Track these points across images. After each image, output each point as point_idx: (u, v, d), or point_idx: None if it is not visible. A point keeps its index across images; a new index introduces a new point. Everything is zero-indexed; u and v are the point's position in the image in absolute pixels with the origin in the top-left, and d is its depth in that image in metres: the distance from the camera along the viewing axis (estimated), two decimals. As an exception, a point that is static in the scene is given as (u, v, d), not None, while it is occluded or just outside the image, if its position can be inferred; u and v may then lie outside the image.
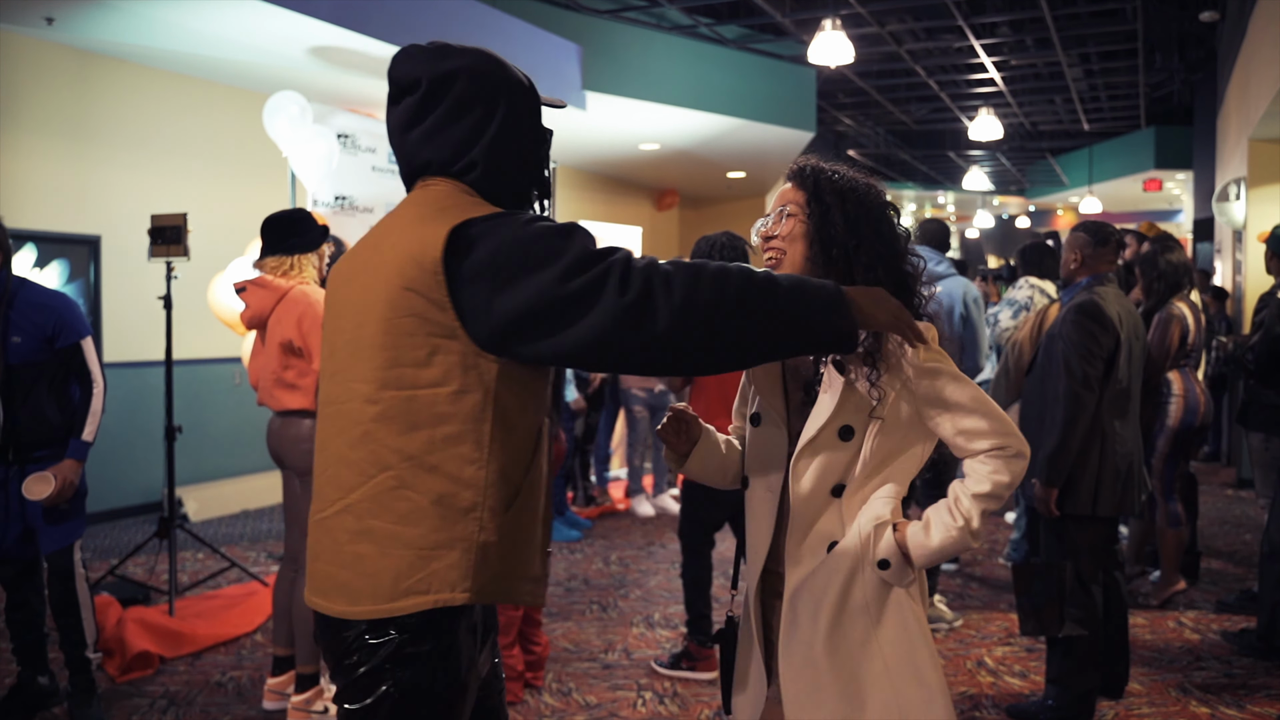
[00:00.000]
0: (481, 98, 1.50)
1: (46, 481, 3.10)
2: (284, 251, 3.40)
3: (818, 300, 1.43)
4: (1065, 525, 3.19)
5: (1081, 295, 3.21)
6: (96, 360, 3.31)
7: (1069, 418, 3.09)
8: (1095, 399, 3.12)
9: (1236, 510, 6.83)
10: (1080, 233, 3.35)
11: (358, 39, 5.79)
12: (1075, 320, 3.13)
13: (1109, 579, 3.33)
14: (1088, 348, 3.10)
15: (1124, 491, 3.19)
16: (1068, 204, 20.22)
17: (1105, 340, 3.12)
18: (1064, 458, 3.10)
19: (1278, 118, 6.98)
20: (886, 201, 1.73)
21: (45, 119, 6.06)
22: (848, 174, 1.72)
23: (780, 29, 9.93)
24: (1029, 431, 3.29)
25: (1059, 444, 3.10)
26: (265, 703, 3.51)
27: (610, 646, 4.14)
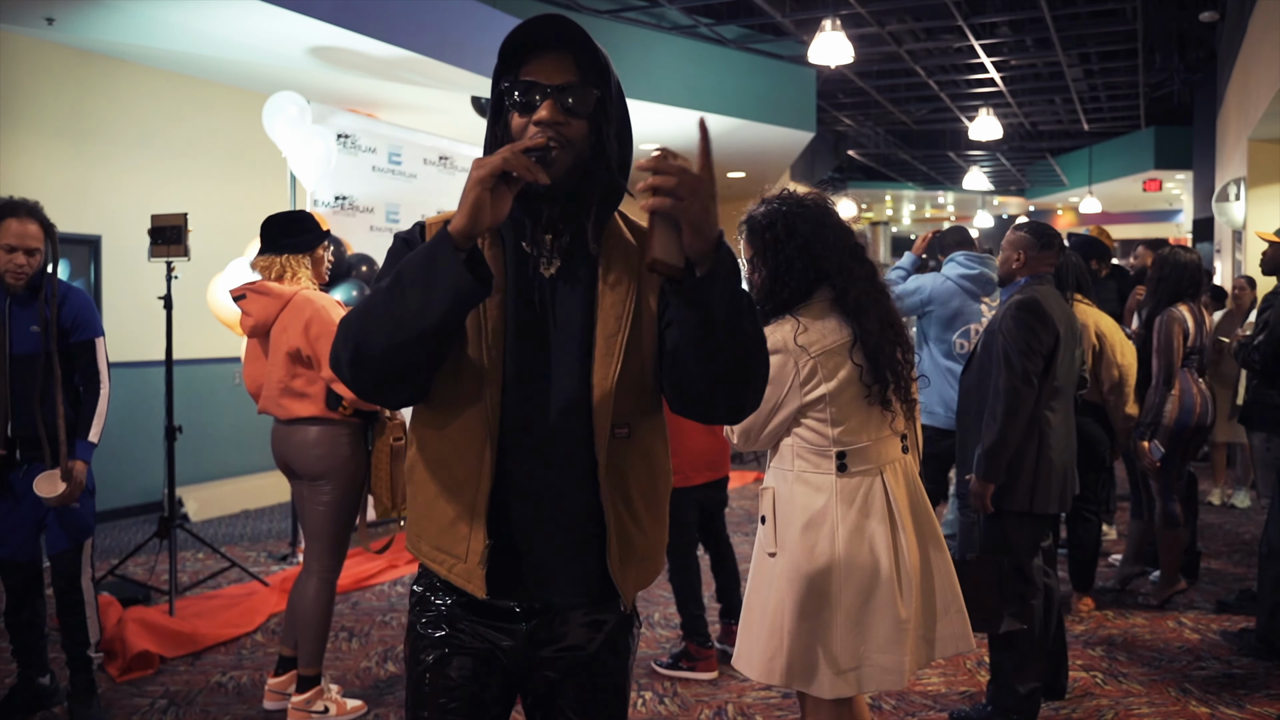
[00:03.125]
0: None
1: (56, 482, 3.11)
2: (274, 251, 3.38)
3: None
4: (1004, 522, 3.18)
5: (1022, 292, 3.21)
6: (106, 361, 3.32)
7: (1007, 412, 3.08)
8: (1034, 395, 3.11)
9: (1237, 510, 6.83)
10: (1024, 233, 3.33)
11: (357, 39, 5.79)
12: (1016, 316, 3.13)
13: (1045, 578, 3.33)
14: (1028, 343, 3.09)
15: (1062, 488, 3.20)
16: (1068, 204, 20.23)
17: (1045, 337, 3.12)
18: (1001, 453, 3.09)
19: (1278, 118, 6.99)
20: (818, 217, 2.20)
21: (45, 119, 6.06)
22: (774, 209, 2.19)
23: (780, 29, 9.93)
24: (967, 427, 3.30)
25: (997, 439, 3.08)
26: (266, 703, 3.51)
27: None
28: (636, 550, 1.52)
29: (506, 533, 1.50)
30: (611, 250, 1.51)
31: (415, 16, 6.14)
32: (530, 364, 1.48)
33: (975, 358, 3.32)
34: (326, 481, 3.29)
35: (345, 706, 3.41)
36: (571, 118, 1.43)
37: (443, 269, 1.34)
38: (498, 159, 1.33)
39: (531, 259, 1.50)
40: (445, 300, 1.34)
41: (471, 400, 1.47)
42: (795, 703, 3.09)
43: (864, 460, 2.23)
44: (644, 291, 1.50)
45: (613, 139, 1.47)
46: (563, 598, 1.51)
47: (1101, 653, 4.05)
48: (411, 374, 1.43)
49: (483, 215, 1.34)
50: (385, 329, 1.38)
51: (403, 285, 1.38)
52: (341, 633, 4.31)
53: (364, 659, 4.02)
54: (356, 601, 4.78)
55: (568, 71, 1.43)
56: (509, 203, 1.37)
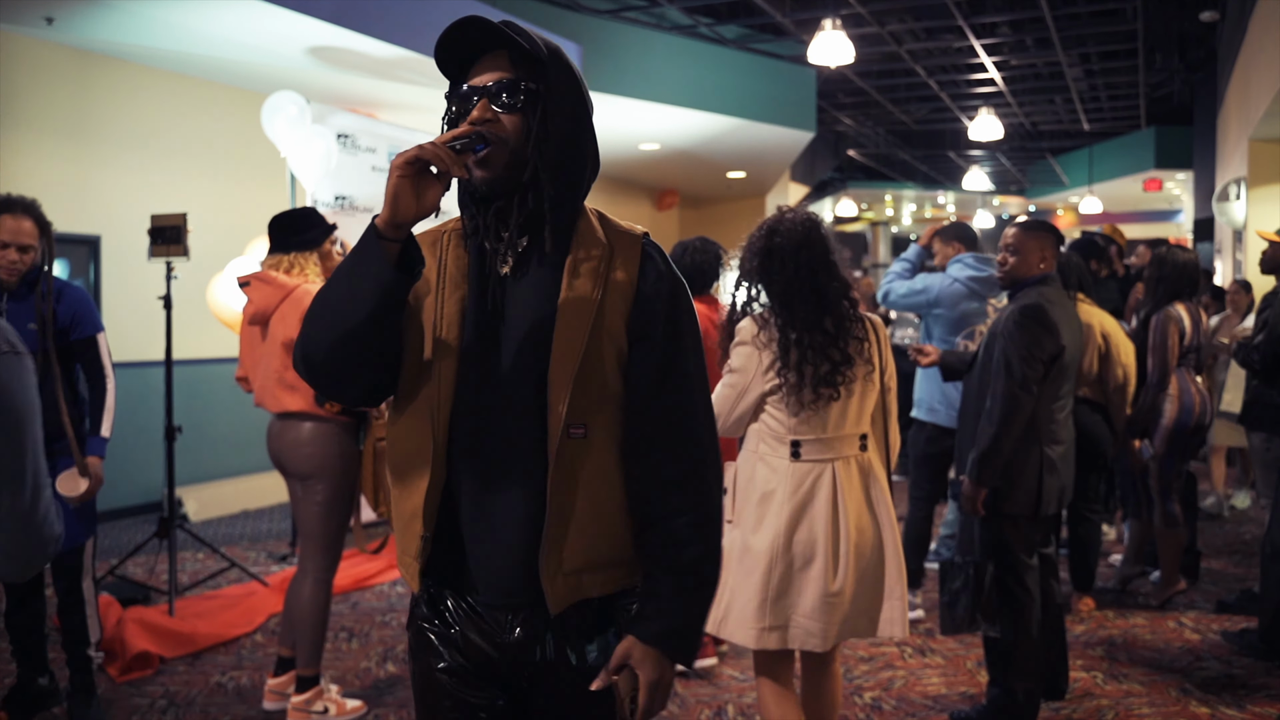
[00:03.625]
0: None
1: (77, 480, 3.10)
2: (281, 250, 3.41)
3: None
4: (1001, 525, 3.16)
5: (1027, 297, 3.17)
6: (109, 356, 3.33)
7: (1004, 418, 3.06)
8: (1033, 401, 3.10)
9: (1237, 510, 6.82)
10: (1045, 234, 3.27)
11: (357, 39, 5.79)
12: (1020, 322, 3.09)
13: (1045, 580, 3.32)
14: (1029, 350, 3.07)
15: (1060, 490, 3.21)
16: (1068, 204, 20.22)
17: (1048, 344, 3.10)
18: (995, 458, 3.07)
19: (1278, 118, 6.99)
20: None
21: (45, 119, 6.06)
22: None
23: (780, 29, 9.93)
24: (967, 430, 3.29)
25: (991, 444, 3.06)
26: (265, 703, 3.51)
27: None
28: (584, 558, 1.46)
29: (454, 531, 1.49)
30: (580, 250, 1.48)
31: (415, 16, 6.14)
32: (483, 362, 1.47)
33: (978, 360, 3.30)
34: (318, 480, 3.29)
35: (345, 706, 3.41)
36: (504, 114, 1.42)
37: (367, 260, 1.36)
38: (415, 149, 1.34)
39: (489, 258, 1.49)
40: (371, 292, 1.36)
41: (423, 395, 1.47)
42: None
43: (817, 451, 2.49)
44: (610, 290, 1.47)
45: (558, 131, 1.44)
46: (505, 598, 1.48)
47: (1102, 653, 4.05)
48: (357, 371, 1.44)
49: (401, 204, 1.34)
50: (324, 325, 1.41)
51: (336, 280, 1.40)
52: (341, 633, 4.31)
53: (364, 659, 4.02)
54: (356, 602, 4.78)
55: (501, 69, 1.43)
56: (437, 195, 1.37)
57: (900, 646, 4.15)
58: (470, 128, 1.39)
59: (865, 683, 3.75)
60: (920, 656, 4.04)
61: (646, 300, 1.49)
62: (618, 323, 1.47)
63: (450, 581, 1.52)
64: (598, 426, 1.46)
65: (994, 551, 3.19)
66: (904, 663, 3.97)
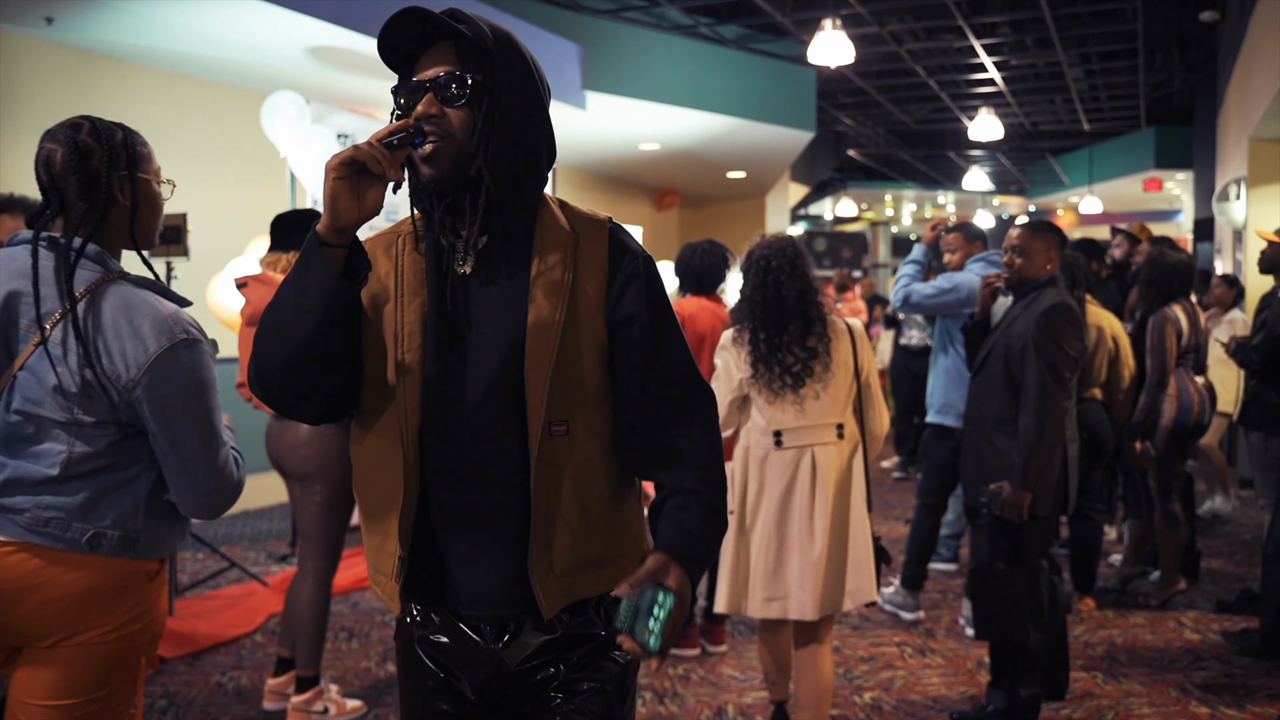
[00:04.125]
0: None
1: None
2: (281, 248, 3.42)
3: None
4: (1022, 527, 3.14)
5: (1052, 296, 3.15)
6: None
7: (1050, 421, 3.04)
8: (1069, 401, 3.11)
9: (1237, 510, 6.82)
10: (1051, 234, 3.25)
11: (357, 39, 5.79)
12: (1056, 324, 3.07)
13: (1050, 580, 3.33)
14: (1066, 350, 3.07)
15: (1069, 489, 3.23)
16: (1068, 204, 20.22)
17: (1080, 344, 3.12)
18: (1041, 462, 3.05)
19: (1278, 118, 6.98)
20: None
21: (45, 119, 6.02)
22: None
23: (780, 29, 9.93)
24: (973, 434, 3.27)
25: (1038, 447, 3.03)
26: (265, 703, 3.51)
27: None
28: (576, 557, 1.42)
29: (432, 546, 1.44)
30: (545, 241, 1.43)
31: (415, 16, 6.13)
32: (451, 367, 1.41)
33: (986, 364, 3.26)
34: (316, 481, 3.29)
35: (345, 706, 3.41)
36: (449, 108, 1.36)
37: (311, 270, 1.31)
38: (349, 149, 1.29)
39: (447, 256, 1.43)
40: (317, 302, 1.30)
41: (388, 410, 1.41)
42: (794, 704, 3.09)
43: (796, 439, 2.83)
44: (580, 278, 1.43)
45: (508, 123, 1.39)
46: (492, 609, 1.43)
47: (1101, 653, 4.05)
48: (312, 386, 1.38)
49: (340, 207, 1.29)
50: (274, 341, 1.35)
51: (282, 294, 1.34)
52: (341, 633, 4.31)
53: (364, 659, 4.02)
54: (356, 602, 4.78)
55: (446, 62, 1.38)
56: (378, 196, 1.32)
57: (900, 646, 4.15)
58: (405, 122, 1.34)
59: (865, 683, 3.75)
60: (920, 656, 4.04)
61: (623, 284, 1.44)
62: (593, 312, 1.43)
63: (432, 598, 1.47)
64: (579, 422, 1.42)
65: (1015, 554, 3.16)
66: (904, 663, 3.97)
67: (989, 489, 3.13)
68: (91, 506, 1.73)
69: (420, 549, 1.44)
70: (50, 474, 1.72)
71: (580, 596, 1.45)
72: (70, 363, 1.69)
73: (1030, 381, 3.07)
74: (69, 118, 1.90)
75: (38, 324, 1.69)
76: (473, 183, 1.38)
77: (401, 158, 1.33)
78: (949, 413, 4.30)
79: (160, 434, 1.74)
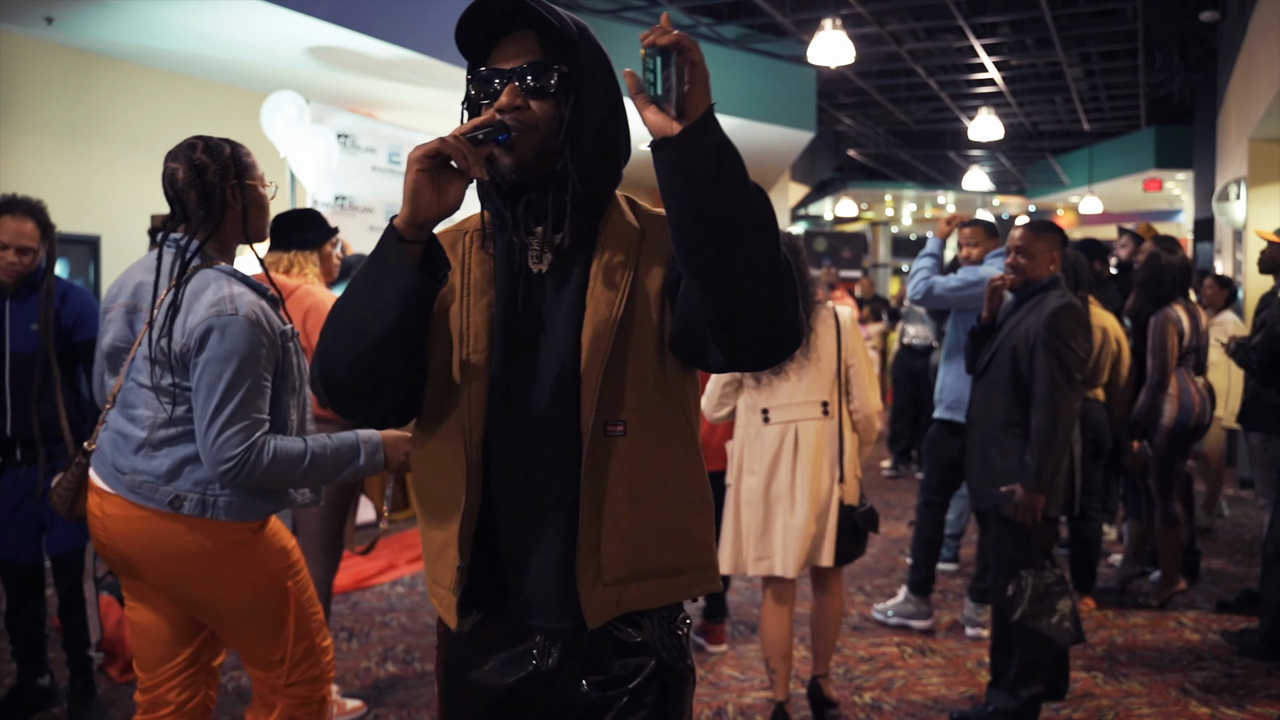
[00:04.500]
0: None
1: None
2: (282, 248, 3.40)
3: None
4: (1031, 528, 3.13)
5: (1058, 298, 3.14)
6: None
7: (1064, 423, 3.04)
8: (1080, 402, 3.12)
9: (1237, 510, 6.82)
10: (1053, 234, 3.25)
11: (357, 39, 5.79)
12: (1066, 326, 3.07)
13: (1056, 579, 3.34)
14: (1076, 351, 3.07)
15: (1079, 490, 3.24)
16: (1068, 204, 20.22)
17: (1088, 344, 3.13)
18: (1057, 464, 3.06)
19: (1278, 118, 6.98)
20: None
21: (45, 119, 6.06)
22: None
23: (780, 29, 9.93)
24: (976, 435, 3.26)
25: (1052, 449, 3.03)
26: (265, 703, 3.50)
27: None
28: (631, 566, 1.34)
29: (493, 556, 1.38)
30: (609, 238, 1.37)
31: (415, 16, 6.14)
32: (517, 368, 1.35)
33: (990, 366, 3.25)
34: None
35: (345, 706, 3.41)
36: (532, 99, 1.30)
37: (389, 267, 1.25)
38: (435, 142, 1.22)
39: (520, 255, 1.37)
40: (394, 300, 1.24)
41: (452, 413, 1.35)
42: (794, 704, 3.09)
43: (782, 415, 3.08)
44: (641, 273, 1.35)
45: (592, 116, 1.32)
46: (546, 620, 1.37)
47: (1101, 653, 4.05)
48: (382, 388, 1.32)
49: (421, 201, 1.23)
50: (344, 340, 1.29)
51: (355, 290, 1.29)
52: (341, 633, 4.31)
53: (364, 659, 4.02)
54: (356, 602, 4.78)
55: (529, 51, 1.31)
56: (460, 191, 1.26)
57: (900, 646, 4.15)
58: (494, 115, 1.27)
59: (865, 683, 3.75)
60: (920, 657, 4.04)
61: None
62: (656, 308, 1.35)
63: (488, 609, 1.40)
64: (638, 422, 1.34)
65: (1025, 557, 3.15)
66: (904, 663, 3.97)
67: (1001, 491, 3.12)
68: (174, 473, 2.03)
69: (481, 559, 1.38)
70: (141, 435, 2.05)
71: (633, 608, 1.36)
72: (152, 335, 2.04)
73: (1041, 382, 3.07)
74: (186, 139, 2.21)
75: (151, 308, 2.07)
76: (556, 179, 1.32)
77: (486, 153, 1.26)
78: (960, 409, 4.17)
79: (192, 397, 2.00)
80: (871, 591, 4.93)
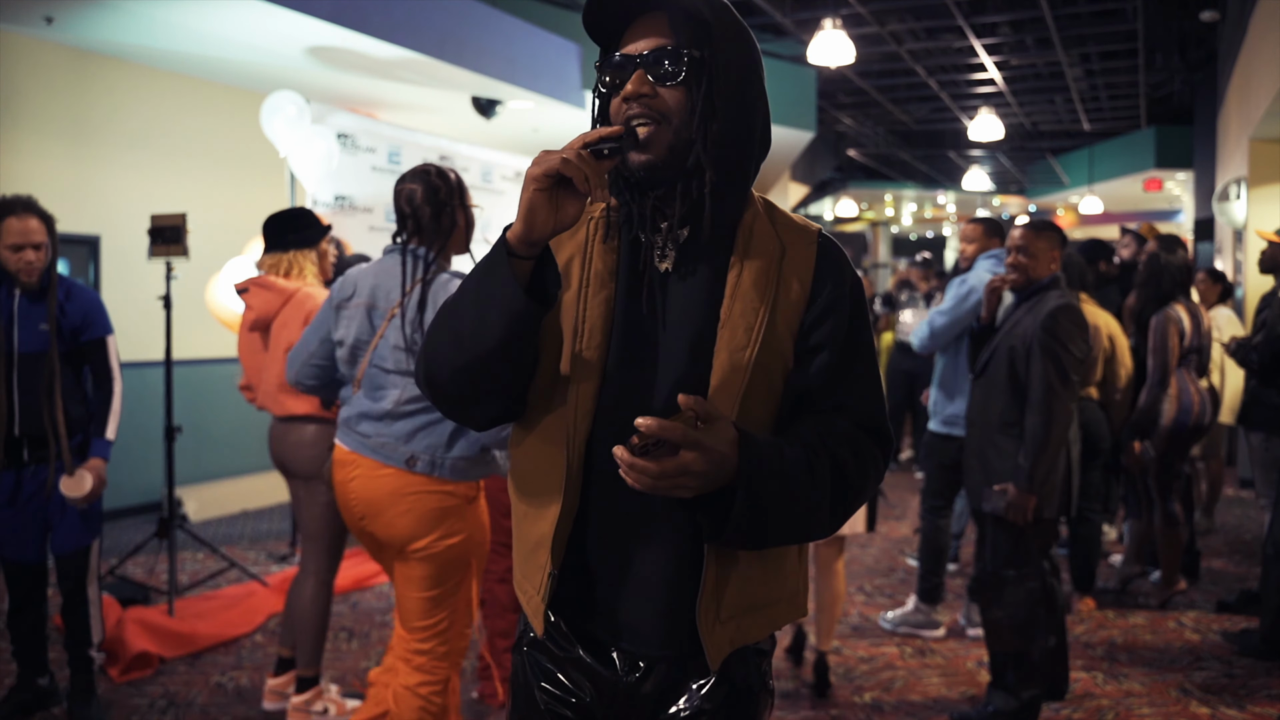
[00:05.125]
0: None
1: (84, 480, 3.10)
2: (280, 249, 3.40)
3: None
4: (1026, 529, 3.13)
5: (1056, 298, 3.14)
6: (117, 359, 3.32)
7: (1056, 424, 3.04)
8: (1075, 402, 3.11)
9: (1237, 510, 6.82)
10: (1054, 233, 3.24)
11: (357, 38, 5.79)
12: (1063, 327, 3.07)
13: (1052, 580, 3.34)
14: (1072, 352, 3.07)
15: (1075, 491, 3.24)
16: (1068, 204, 20.22)
17: (1084, 344, 3.11)
18: (1050, 465, 3.05)
19: (1278, 118, 6.98)
20: None
21: (44, 119, 6.05)
22: None
23: (780, 29, 9.93)
24: (975, 437, 3.26)
25: (1045, 450, 3.03)
26: (265, 703, 3.50)
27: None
28: (741, 600, 1.29)
29: (584, 566, 1.31)
30: (749, 248, 1.28)
31: (415, 16, 6.13)
32: (633, 370, 1.27)
33: (989, 366, 3.24)
34: (322, 481, 3.29)
35: (345, 707, 3.41)
36: (663, 87, 1.22)
37: (497, 285, 1.18)
38: (556, 158, 1.14)
39: (646, 252, 1.29)
40: (500, 321, 1.18)
41: (558, 408, 1.28)
42: (794, 703, 3.09)
43: None
44: (781, 294, 1.27)
45: (727, 104, 1.24)
46: (641, 647, 1.30)
47: (1101, 653, 4.05)
48: (488, 396, 1.27)
49: (537, 220, 1.16)
50: (448, 349, 1.24)
51: (462, 301, 1.23)
52: (341, 633, 4.31)
53: (364, 659, 4.02)
54: (356, 602, 4.78)
55: (660, 35, 1.23)
56: (579, 209, 1.19)
57: (900, 647, 4.15)
58: (620, 128, 1.19)
59: (865, 683, 3.75)
60: (920, 657, 4.04)
61: (823, 310, 1.29)
62: (786, 337, 1.28)
63: (575, 619, 1.34)
64: None
65: (1020, 557, 3.15)
66: (904, 663, 3.97)
67: (994, 491, 3.12)
68: (410, 436, 2.49)
69: (572, 567, 1.32)
70: (385, 408, 2.51)
71: (743, 643, 1.31)
72: (404, 328, 2.49)
73: (1036, 384, 3.06)
74: (416, 166, 2.61)
75: (401, 305, 2.50)
76: (689, 172, 1.24)
77: (608, 168, 1.18)
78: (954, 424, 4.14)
79: None
80: (871, 591, 4.93)
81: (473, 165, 6.88)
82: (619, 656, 1.32)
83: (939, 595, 4.34)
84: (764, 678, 1.38)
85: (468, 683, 3.73)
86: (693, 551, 1.27)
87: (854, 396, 1.31)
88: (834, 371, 1.30)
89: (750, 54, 1.27)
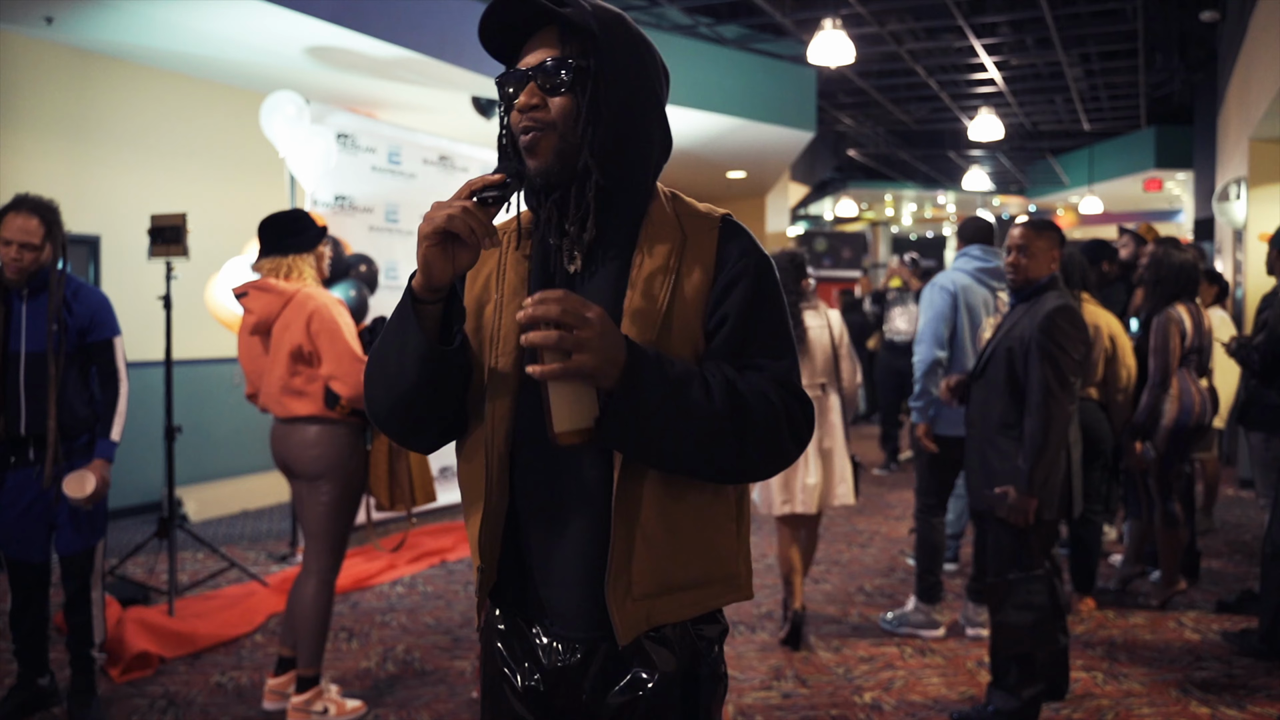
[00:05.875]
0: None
1: (87, 481, 3.10)
2: (279, 252, 3.36)
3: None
4: (1027, 531, 3.12)
5: (1054, 299, 3.13)
6: (124, 360, 3.32)
7: (1056, 426, 3.03)
8: (1074, 404, 3.10)
9: (1237, 510, 6.82)
10: (1053, 233, 3.23)
11: (357, 39, 5.79)
12: (1061, 328, 3.05)
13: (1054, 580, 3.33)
14: (1070, 353, 3.06)
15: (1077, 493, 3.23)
16: (1068, 204, 20.21)
17: (1082, 345, 3.10)
18: (1050, 467, 3.05)
19: (1278, 118, 6.98)
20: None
21: (44, 119, 6.05)
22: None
23: (780, 29, 9.92)
24: (975, 438, 3.25)
25: (1045, 452, 3.02)
26: (265, 703, 3.50)
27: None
28: (657, 579, 1.32)
29: (520, 560, 1.39)
30: (649, 239, 1.34)
31: (415, 16, 6.13)
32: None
33: (988, 367, 3.24)
34: (325, 481, 3.29)
35: (345, 707, 3.41)
36: (551, 96, 1.29)
37: (406, 329, 1.28)
38: (443, 215, 1.21)
39: (554, 255, 1.36)
40: (414, 365, 1.29)
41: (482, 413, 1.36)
42: (794, 704, 3.08)
43: None
44: (682, 281, 1.32)
45: (611, 109, 1.30)
46: (569, 630, 1.37)
47: (1102, 653, 4.05)
48: (424, 425, 1.37)
49: (434, 271, 1.25)
50: (380, 389, 1.35)
51: (385, 346, 1.33)
52: (341, 633, 4.31)
53: (364, 659, 4.02)
54: (356, 602, 4.78)
55: (548, 47, 1.30)
56: (474, 255, 1.26)
57: (900, 646, 4.15)
58: (501, 176, 1.25)
59: (865, 683, 3.75)
60: (920, 657, 4.04)
61: (725, 288, 1.33)
62: (695, 322, 1.33)
63: (518, 611, 1.43)
64: None
65: (1018, 558, 3.15)
66: (904, 663, 3.97)
67: (994, 493, 3.12)
68: None
69: (509, 564, 1.41)
70: None
71: (660, 622, 1.35)
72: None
73: (1034, 387, 3.05)
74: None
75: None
76: (580, 175, 1.30)
77: (495, 214, 1.25)
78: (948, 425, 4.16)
79: None
80: (871, 591, 4.93)
81: (473, 165, 6.88)
82: (555, 641, 1.39)
83: (937, 594, 4.34)
84: (714, 664, 1.41)
85: (468, 683, 3.73)
86: (607, 535, 1.32)
87: (765, 356, 1.34)
88: (741, 335, 1.33)
89: (642, 61, 1.34)
